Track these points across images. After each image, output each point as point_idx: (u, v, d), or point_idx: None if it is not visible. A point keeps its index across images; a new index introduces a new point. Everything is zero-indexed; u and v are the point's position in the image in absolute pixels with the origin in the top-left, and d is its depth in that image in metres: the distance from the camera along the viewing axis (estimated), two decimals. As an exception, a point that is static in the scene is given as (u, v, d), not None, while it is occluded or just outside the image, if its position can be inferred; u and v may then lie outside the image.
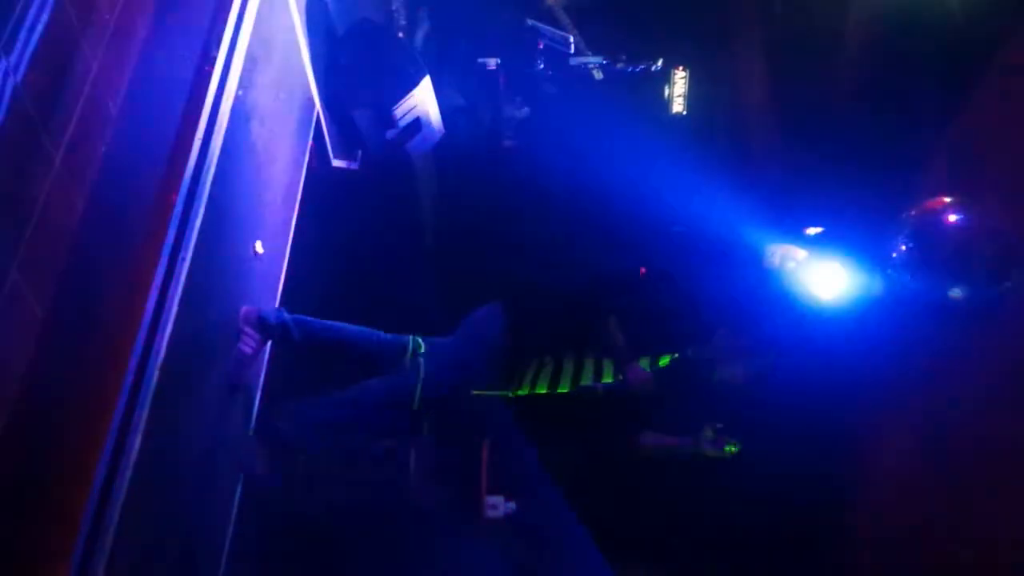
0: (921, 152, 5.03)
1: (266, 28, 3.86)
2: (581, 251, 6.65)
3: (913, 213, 3.42)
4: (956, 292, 3.31)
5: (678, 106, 7.75)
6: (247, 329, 3.78)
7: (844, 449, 5.33)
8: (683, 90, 7.74)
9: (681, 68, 7.63)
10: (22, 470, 2.55)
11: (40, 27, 2.88)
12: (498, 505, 5.26)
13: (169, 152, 3.29)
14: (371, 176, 5.45)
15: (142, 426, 2.86)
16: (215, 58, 3.48)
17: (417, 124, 5.44)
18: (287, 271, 4.38)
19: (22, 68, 2.78)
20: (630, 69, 6.86)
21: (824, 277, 4.45)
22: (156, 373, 2.95)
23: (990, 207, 3.68)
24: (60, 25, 2.97)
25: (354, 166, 5.33)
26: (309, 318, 3.92)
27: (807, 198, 5.98)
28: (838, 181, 5.94)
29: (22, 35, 2.80)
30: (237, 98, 3.51)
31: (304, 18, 4.55)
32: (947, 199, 3.40)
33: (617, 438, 4.23)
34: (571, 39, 6.39)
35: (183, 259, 3.13)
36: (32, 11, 2.85)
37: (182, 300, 3.10)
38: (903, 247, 3.37)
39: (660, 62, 7.00)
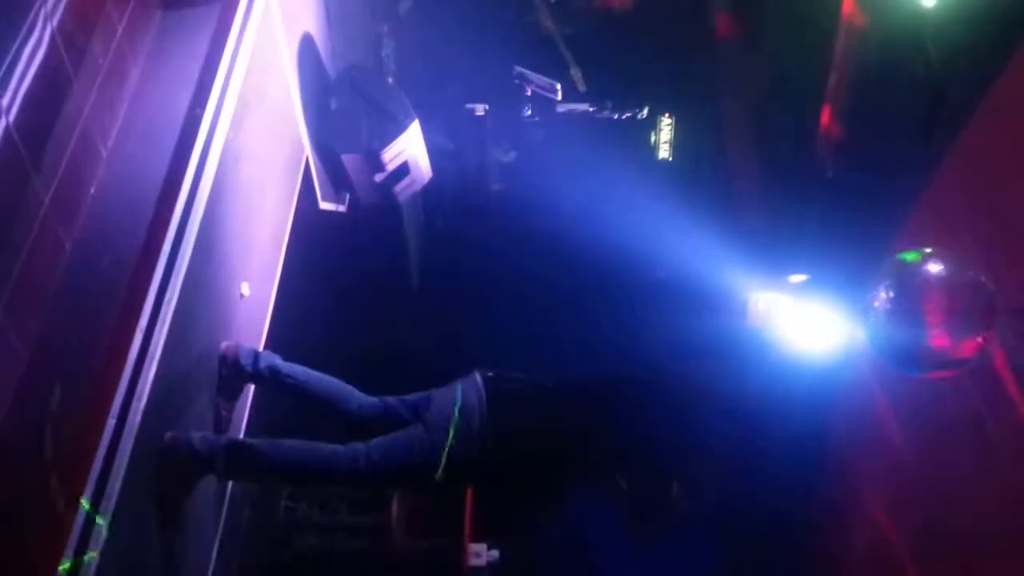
0: (902, 201, 5.10)
1: (258, 72, 3.90)
2: (566, 297, 6.68)
3: (893, 261, 3.47)
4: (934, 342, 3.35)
5: (664, 152, 7.83)
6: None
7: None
8: (669, 136, 7.83)
9: (667, 115, 7.73)
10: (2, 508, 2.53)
11: (33, 69, 2.91)
12: (481, 553, 5.22)
13: (158, 193, 3.30)
14: (358, 219, 5.48)
15: (124, 470, 2.84)
16: (206, 101, 3.51)
17: (405, 168, 5.48)
18: (273, 313, 4.39)
19: (14, 109, 2.80)
20: (616, 116, 6.94)
21: (808, 325, 4.50)
22: (139, 416, 2.94)
23: (969, 257, 3.72)
24: (53, 67, 3.00)
25: (342, 208, 5.36)
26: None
27: (791, 245, 6.04)
28: (821, 229, 6.01)
29: (15, 76, 2.83)
30: (227, 141, 3.53)
31: (296, 63, 4.60)
32: (928, 249, 3.44)
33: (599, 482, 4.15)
34: (558, 86, 6.47)
35: (169, 301, 3.14)
36: (25, 53, 2.88)
37: (167, 342, 3.10)
38: (884, 295, 3.41)
39: (646, 110, 7.09)
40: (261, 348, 4.08)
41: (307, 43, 4.90)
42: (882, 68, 5.45)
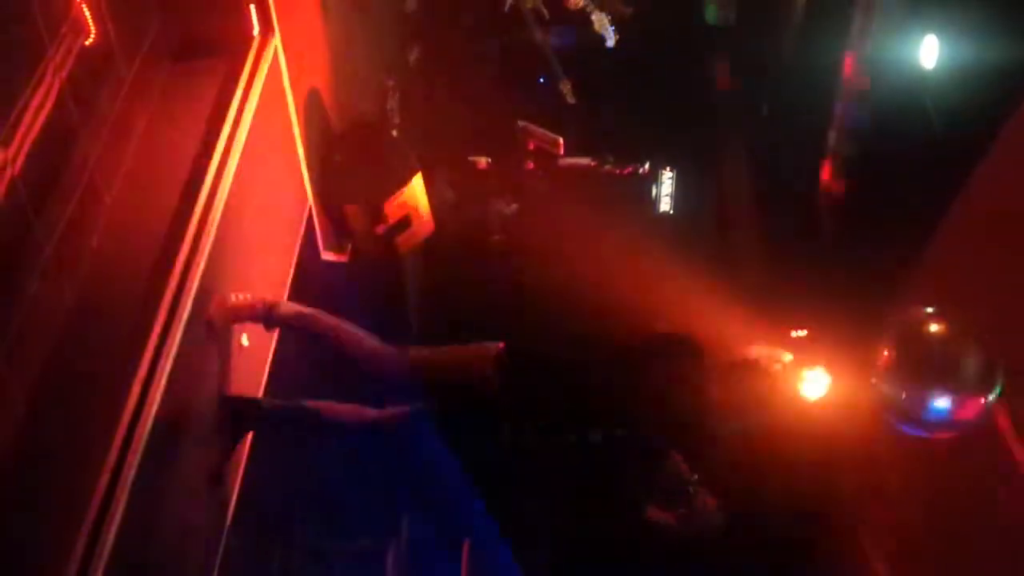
0: (903, 258, 5.12)
1: (264, 123, 3.93)
2: (566, 349, 6.64)
3: (895, 320, 3.46)
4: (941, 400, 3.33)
5: (665, 205, 7.87)
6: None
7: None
8: (670, 190, 7.87)
9: (668, 168, 7.78)
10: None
11: (40, 120, 2.94)
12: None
13: (162, 244, 3.31)
14: (360, 269, 5.48)
15: (117, 522, 2.81)
16: (212, 152, 3.54)
17: (407, 220, 5.50)
18: (272, 362, 4.37)
19: (20, 160, 2.82)
20: (618, 170, 6.99)
21: (808, 381, 4.47)
22: (135, 467, 2.92)
23: (971, 316, 3.72)
24: (60, 118, 3.03)
25: (343, 259, 5.37)
26: None
27: (791, 300, 6.04)
28: (822, 284, 6.01)
29: (22, 127, 2.85)
30: (232, 191, 3.55)
31: (302, 114, 4.64)
32: (929, 308, 3.44)
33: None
34: (560, 140, 6.52)
35: (169, 350, 3.13)
36: (34, 104, 2.90)
37: (166, 392, 3.08)
38: (886, 353, 3.39)
39: (647, 164, 7.14)
40: (261, 396, 4.07)
41: (314, 95, 4.94)
42: (883, 127, 5.50)
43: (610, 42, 5.43)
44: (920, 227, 5.12)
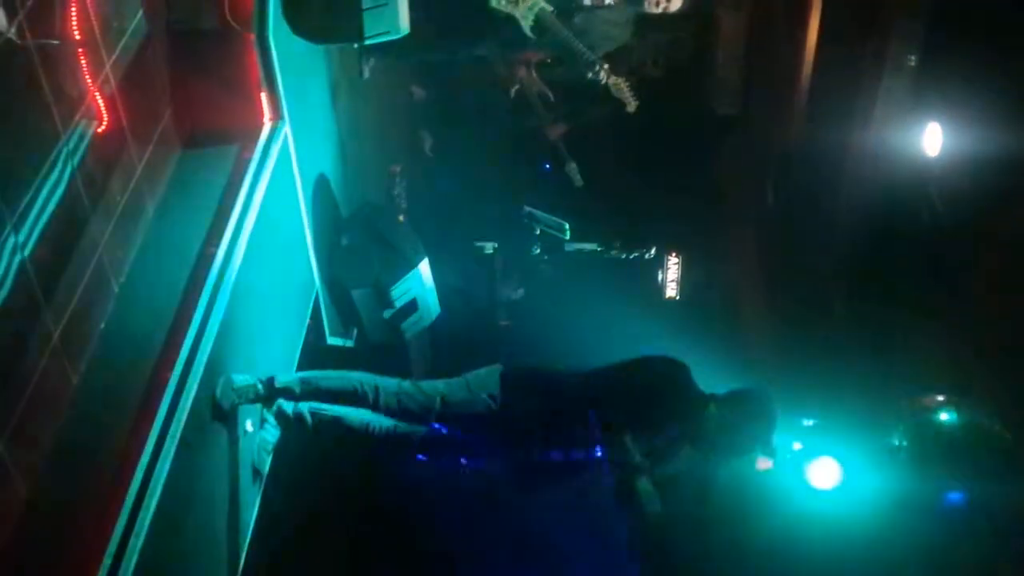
0: (913, 345, 5.09)
1: (273, 208, 3.96)
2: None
3: (907, 410, 3.43)
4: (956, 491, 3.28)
5: (671, 291, 7.87)
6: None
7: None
8: (676, 275, 7.88)
9: (675, 254, 7.80)
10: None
11: (52, 206, 2.96)
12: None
13: (168, 329, 3.31)
14: (365, 354, 5.46)
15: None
16: (220, 239, 3.55)
17: (413, 304, 5.50)
18: (275, 449, 4.32)
19: (30, 245, 2.83)
20: (624, 255, 7.01)
21: (820, 471, 4.42)
22: (136, 555, 2.86)
23: (983, 403, 3.69)
24: (71, 204, 3.05)
25: (349, 344, 5.36)
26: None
27: (801, 387, 5.99)
28: (831, 371, 5.97)
29: (34, 212, 2.87)
30: (239, 276, 3.56)
31: (310, 200, 4.68)
32: (940, 397, 3.41)
33: None
34: (566, 226, 6.56)
35: (173, 435, 3.09)
36: (45, 190, 2.93)
37: (169, 477, 3.04)
38: (899, 444, 3.35)
39: (653, 250, 7.16)
40: (263, 484, 4.02)
41: (322, 180, 4.99)
42: (887, 213, 5.53)
43: (631, 108, 5.46)
44: (928, 312, 5.10)
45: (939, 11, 5.16)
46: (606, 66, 5.22)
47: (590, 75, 5.27)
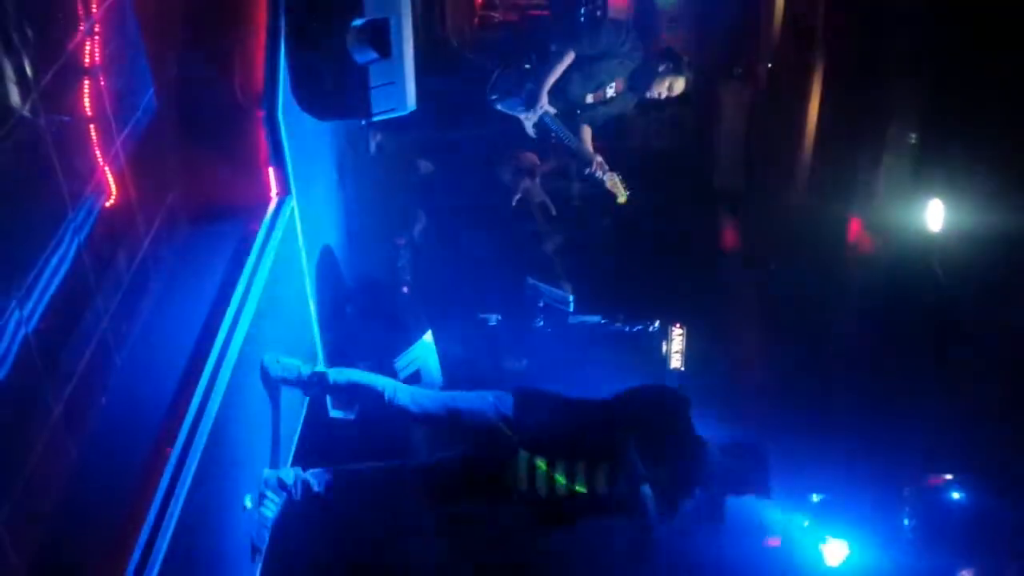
0: (921, 423, 5.05)
1: (278, 282, 3.98)
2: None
3: (916, 490, 3.38)
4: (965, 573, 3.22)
5: (676, 362, 7.84)
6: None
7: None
8: (681, 347, 7.86)
9: (679, 325, 7.79)
10: None
11: (57, 279, 2.97)
12: None
13: (170, 403, 3.30)
14: (368, 427, 5.43)
15: None
16: (224, 313, 3.56)
17: (417, 376, 5.48)
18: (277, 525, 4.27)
19: (34, 319, 2.84)
20: (628, 328, 7.01)
21: (828, 549, 4.36)
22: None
23: (989, 483, 3.64)
24: (77, 278, 3.06)
25: (351, 416, 5.32)
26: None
27: (807, 463, 5.94)
28: (838, 445, 5.92)
29: (39, 287, 2.88)
30: (242, 350, 3.55)
31: (315, 272, 4.70)
32: (948, 476, 3.37)
33: None
34: (570, 298, 6.57)
35: (172, 514, 3.06)
36: (52, 264, 2.94)
37: (167, 556, 3.00)
38: (908, 524, 3.31)
39: (657, 323, 7.16)
40: (263, 558, 3.98)
41: (327, 253, 5.02)
42: (891, 289, 5.53)
43: (621, 199, 5.56)
44: (934, 387, 5.07)
45: (938, 89, 5.22)
46: (601, 160, 5.32)
47: (587, 171, 5.38)
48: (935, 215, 5.04)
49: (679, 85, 5.39)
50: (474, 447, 4.18)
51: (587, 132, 5.49)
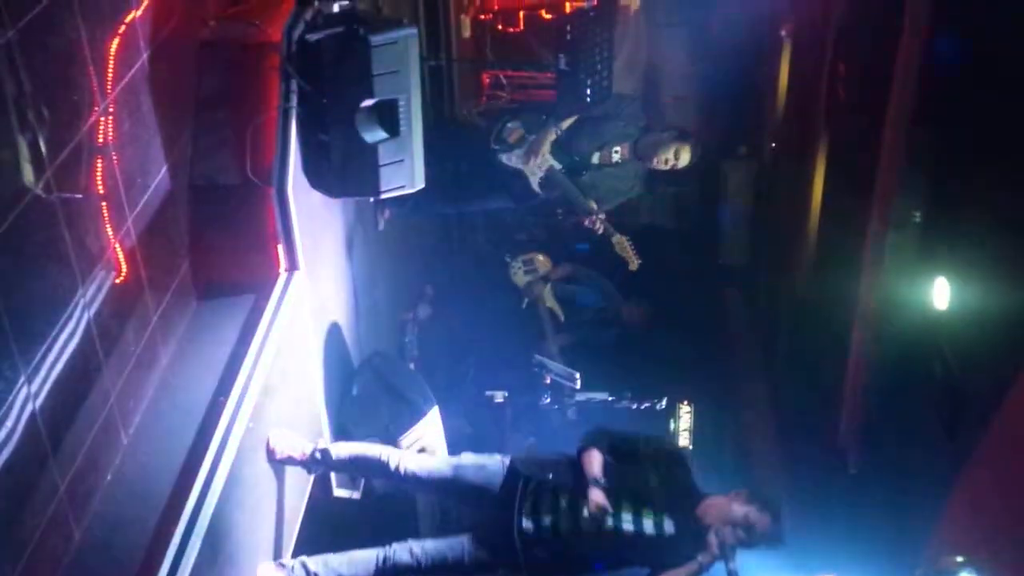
0: (931, 501, 4.97)
1: (284, 358, 3.98)
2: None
3: (928, 571, 3.32)
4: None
5: (684, 440, 7.78)
6: None
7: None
8: (688, 424, 7.81)
9: (686, 402, 7.75)
10: None
11: (65, 356, 2.98)
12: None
13: (175, 481, 3.27)
14: (372, 506, 5.38)
15: None
16: (230, 391, 3.55)
17: (423, 452, 5.44)
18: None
19: (42, 395, 2.84)
20: (635, 405, 6.97)
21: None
22: None
23: (1002, 564, 3.58)
24: (85, 354, 3.07)
25: (356, 496, 5.28)
26: None
27: (815, 542, 5.85)
28: (847, 527, 5.84)
29: (48, 363, 2.89)
30: (248, 429, 3.54)
31: (321, 349, 4.70)
32: (959, 558, 3.31)
33: None
34: (577, 375, 6.54)
35: (175, 593, 3.02)
36: (61, 340, 2.95)
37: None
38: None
39: (664, 400, 7.13)
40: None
41: (334, 329, 5.03)
42: (899, 367, 5.50)
43: (632, 266, 5.56)
44: (947, 467, 5.00)
45: (942, 168, 5.26)
46: (603, 217, 5.34)
47: (586, 223, 5.39)
48: (941, 293, 5.04)
49: (685, 155, 5.41)
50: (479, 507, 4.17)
51: (592, 205, 5.53)
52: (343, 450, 4.30)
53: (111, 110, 3.21)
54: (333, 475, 4.83)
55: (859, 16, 6.46)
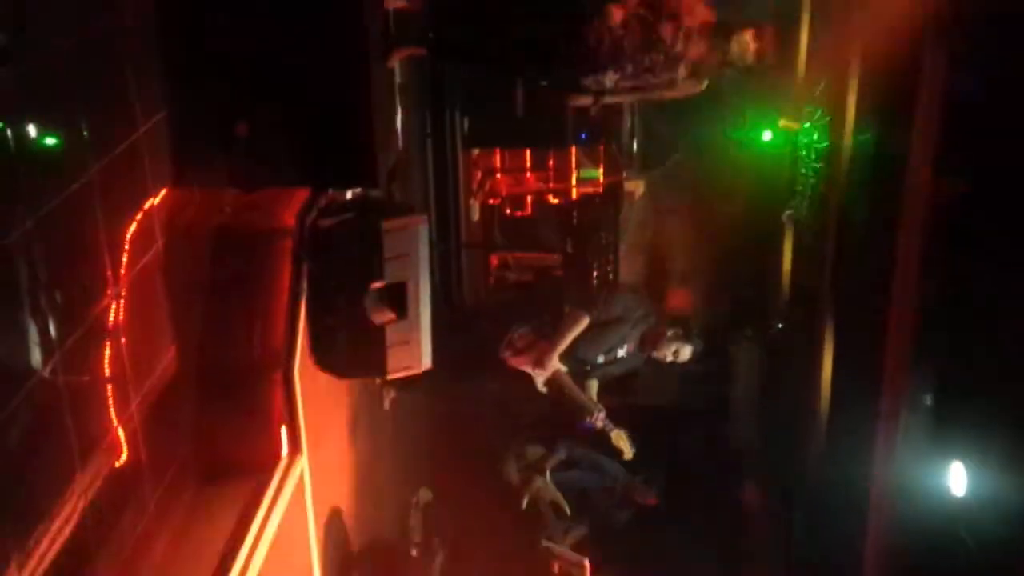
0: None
1: (283, 544, 3.88)
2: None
3: None
4: None
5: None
6: None
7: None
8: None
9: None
10: None
11: (60, 542, 2.89)
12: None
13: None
14: None
15: None
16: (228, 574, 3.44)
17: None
18: None
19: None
20: None
21: None
22: None
23: None
24: (79, 541, 2.98)
25: None
26: None
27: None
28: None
29: (41, 549, 2.80)
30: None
31: (321, 534, 4.59)
32: None
33: None
34: (586, 562, 6.35)
35: None
36: (55, 526, 2.88)
37: None
38: None
39: None
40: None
41: (335, 514, 4.92)
42: (918, 554, 5.35)
43: (627, 455, 5.50)
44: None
45: (952, 352, 5.27)
46: (603, 414, 5.34)
47: (587, 420, 5.39)
48: (957, 479, 4.95)
49: (685, 353, 5.44)
50: None
51: (594, 386, 5.51)
52: None
53: (123, 294, 3.25)
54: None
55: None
